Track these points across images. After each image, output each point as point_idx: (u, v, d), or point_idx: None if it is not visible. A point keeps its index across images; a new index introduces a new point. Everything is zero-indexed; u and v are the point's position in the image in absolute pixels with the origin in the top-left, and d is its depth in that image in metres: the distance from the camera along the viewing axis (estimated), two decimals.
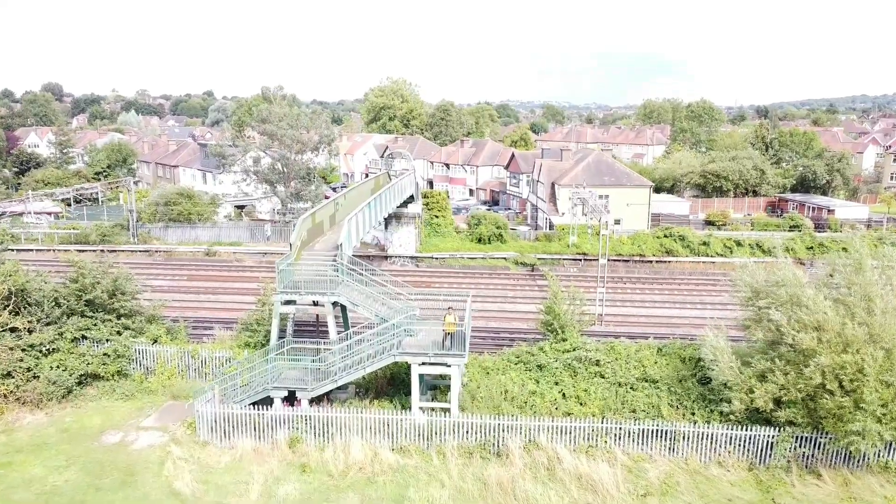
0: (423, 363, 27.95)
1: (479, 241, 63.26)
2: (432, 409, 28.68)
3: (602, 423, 26.84)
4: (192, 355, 33.39)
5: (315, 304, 30.96)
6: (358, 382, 31.42)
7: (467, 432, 27.07)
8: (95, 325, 33.18)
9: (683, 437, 26.46)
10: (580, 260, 60.91)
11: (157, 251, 64.42)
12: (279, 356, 29.77)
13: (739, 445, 26.29)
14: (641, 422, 26.88)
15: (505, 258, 61.10)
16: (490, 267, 60.33)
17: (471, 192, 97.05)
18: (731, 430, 26.18)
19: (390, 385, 32.27)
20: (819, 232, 67.27)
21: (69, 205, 72.20)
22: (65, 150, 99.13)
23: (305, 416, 27.46)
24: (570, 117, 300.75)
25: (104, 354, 32.29)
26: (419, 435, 27.23)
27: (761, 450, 26.13)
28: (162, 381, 32.84)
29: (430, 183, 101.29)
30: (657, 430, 26.59)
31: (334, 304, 30.48)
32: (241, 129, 79.28)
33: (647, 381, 29.64)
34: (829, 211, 77.13)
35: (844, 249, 60.55)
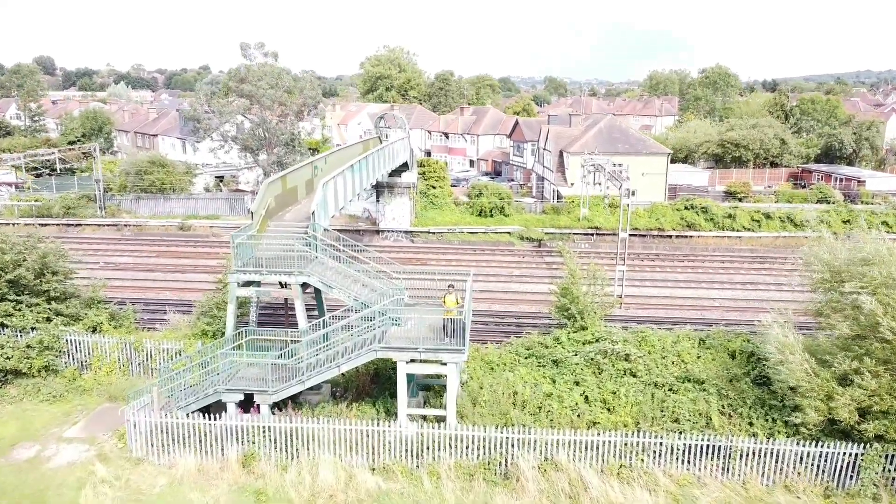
0: (412, 360, 22.27)
1: (481, 213, 57.41)
2: (423, 418, 23.11)
3: (638, 436, 21.23)
4: (135, 347, 27.71)
5: (283, 285, 25.26)
6: (336, 381, 25.82)
7: (467, 447, 21.48)
8: (19, 310, 27.52)
9: (741, 455, 20.88)
10: (592, 234, 55.12)
11: (126, 225, 58.57)
12: (234, 350, 24.14)
13: (812, 465, 20.72)
14: (687, 435, 21.26)
15: (509, 232, 55.32)
16: (492, 242, 54.59)
17: (471, 162, 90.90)
18: (803, 446, 20.59)
19: (374, 383, 26.68)
20: (850, 204, 61.29)
21: (28, 173, 66.04)
22: (35, 119, 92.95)
23: (263, 426, 21.86)
24: (572, 91, 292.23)
25: (27, 346, 26.61)
26: (407, 451, 21.65)
27: (841, 471, 20.58)
28: (98, 378, 27.24)
29: (428, 153, 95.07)
30: (708, 446, 20.99)
31: (304, 285, 24.74)
32: (226, 95, 72.97)
33: (690, 381, 23.97)
34: (858, 182, 71.07)
35: (886, 223, 55.56)
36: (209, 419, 21.87)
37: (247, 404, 23.29)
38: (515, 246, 54.14)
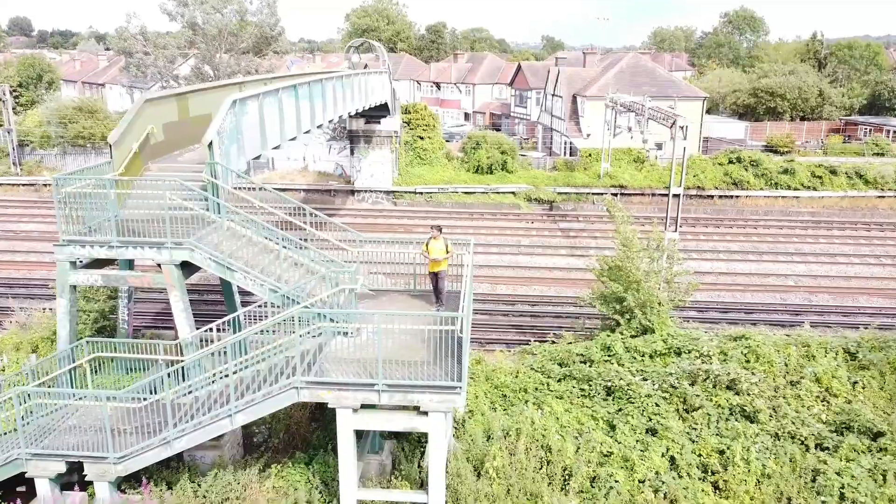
0: (365, 406, 12.13)
1: (479, 170, 46.92)
2: None
3: None
4: None
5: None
6: (262, 420, 15.62)
7: None
8: None
9: None
10: (616, 194, 44.83)
11: (45, 184, 47.88)
12: (51, 382, 13.99)
13: None
14: None
15: (513, 193, 44.99)
16: (494, 204, 44.28)
17: (466, 116, 79.91)
18: None
19: (315, 421, 16.62)
20: None
21: None
22: None
23: None
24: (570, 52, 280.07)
25: None
26: None
27: None
28: None
29: None
30: None
31: (185, 266, 14.52)
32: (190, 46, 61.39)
33: (853, 430, 13.95)
34: None
35: None
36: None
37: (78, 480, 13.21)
38: (522, 209, 43.88)
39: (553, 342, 19.79)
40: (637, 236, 19.03)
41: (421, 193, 45.13)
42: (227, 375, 12.56)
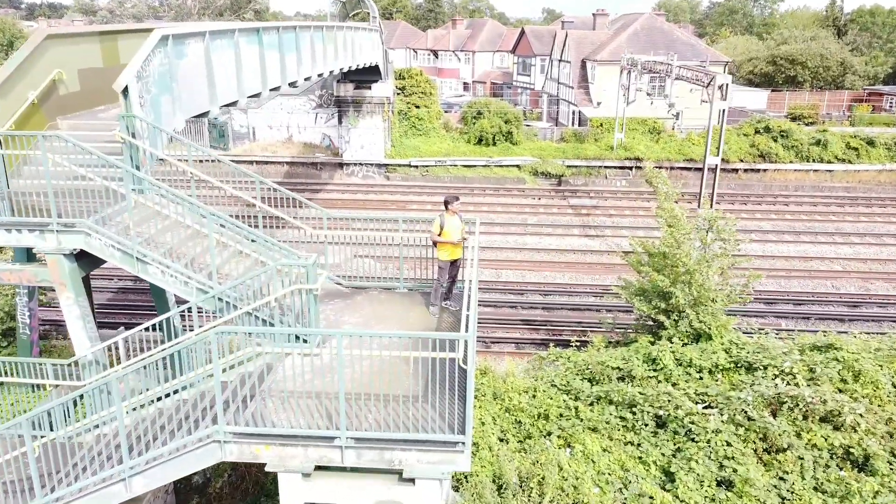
0: (321, 468, 8.19)
1: (480, 141, 42.76)
2: None
3: None
4: None
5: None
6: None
7: None
8: None
9: None
10: (631, 168, 40.71)
11: None
12: None
13: None
14: None
15: (518, 166, 40.87)
16: (497, 179, 40.18)
17: (465, 86, 75.34)
18: None
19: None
20: None
21: None
22: None
23: None
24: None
25: None
26: None
27: None
28: None
29: None
30: None
31: (87, 258, 10.52)
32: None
33: None
34: None
35: None
36: None
37: None
38: (527, 184, 39.78)
39: (576, 346, 15.90)
40: (686, 215, 15.03)
41: (416, 167, 40.97)
42: (123, 418, 8.62)
